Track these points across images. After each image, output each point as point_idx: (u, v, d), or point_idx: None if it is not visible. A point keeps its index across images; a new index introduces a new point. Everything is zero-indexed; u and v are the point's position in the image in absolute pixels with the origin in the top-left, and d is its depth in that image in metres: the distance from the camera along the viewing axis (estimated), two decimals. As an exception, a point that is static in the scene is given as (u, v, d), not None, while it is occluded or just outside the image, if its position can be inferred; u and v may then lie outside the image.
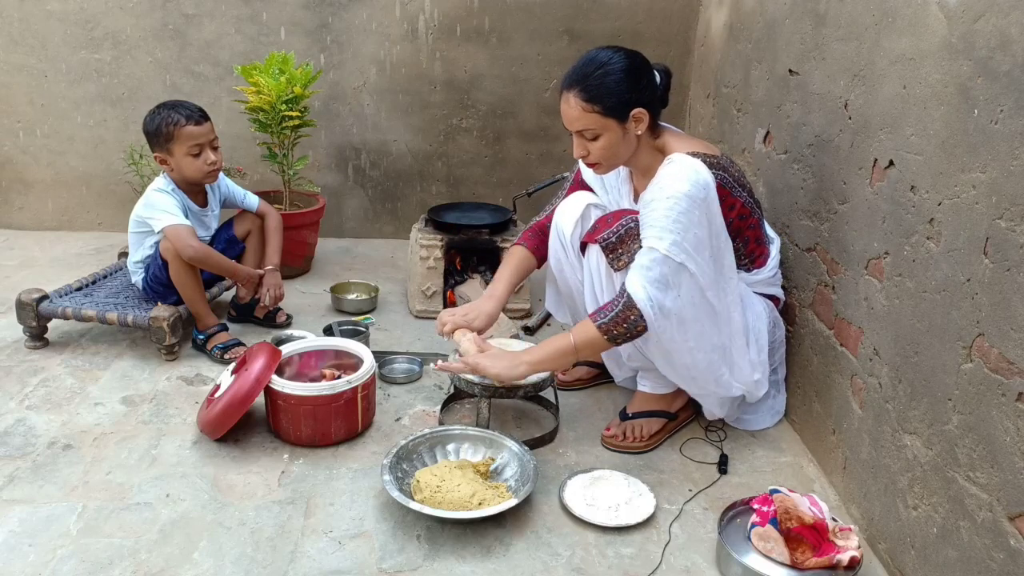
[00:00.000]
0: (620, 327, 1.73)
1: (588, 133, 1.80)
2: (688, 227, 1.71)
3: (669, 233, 1.70)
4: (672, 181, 1.73)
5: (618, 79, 1.75)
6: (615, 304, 1.75)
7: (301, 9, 3.22)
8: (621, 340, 1.76)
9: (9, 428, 1.97)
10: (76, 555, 1.55)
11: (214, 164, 2.34)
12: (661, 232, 1.71)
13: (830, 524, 1.53)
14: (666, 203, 1.71)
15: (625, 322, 1.73)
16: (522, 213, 2.98)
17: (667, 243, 1.70)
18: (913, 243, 1.53)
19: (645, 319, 1.72)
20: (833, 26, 1.92)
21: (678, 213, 1.70)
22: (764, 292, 2.00)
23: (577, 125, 1.80)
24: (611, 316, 1.74)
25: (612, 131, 1.78)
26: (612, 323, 1.74)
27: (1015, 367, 1.23)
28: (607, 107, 1.76)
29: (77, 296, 2.46)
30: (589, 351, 1.81)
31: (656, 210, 1.72)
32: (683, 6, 3.29)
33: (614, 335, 1.75)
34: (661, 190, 1.73)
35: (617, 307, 1.74)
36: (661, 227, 1.71)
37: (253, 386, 1.88)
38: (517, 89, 3.37)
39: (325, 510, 1.72)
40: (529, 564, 1.59)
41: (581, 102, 1.76)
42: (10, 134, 3.33)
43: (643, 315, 1.72)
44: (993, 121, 1.30)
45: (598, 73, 1.76)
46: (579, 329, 1.80)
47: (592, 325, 1.76)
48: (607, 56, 1.78)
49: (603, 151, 1.81)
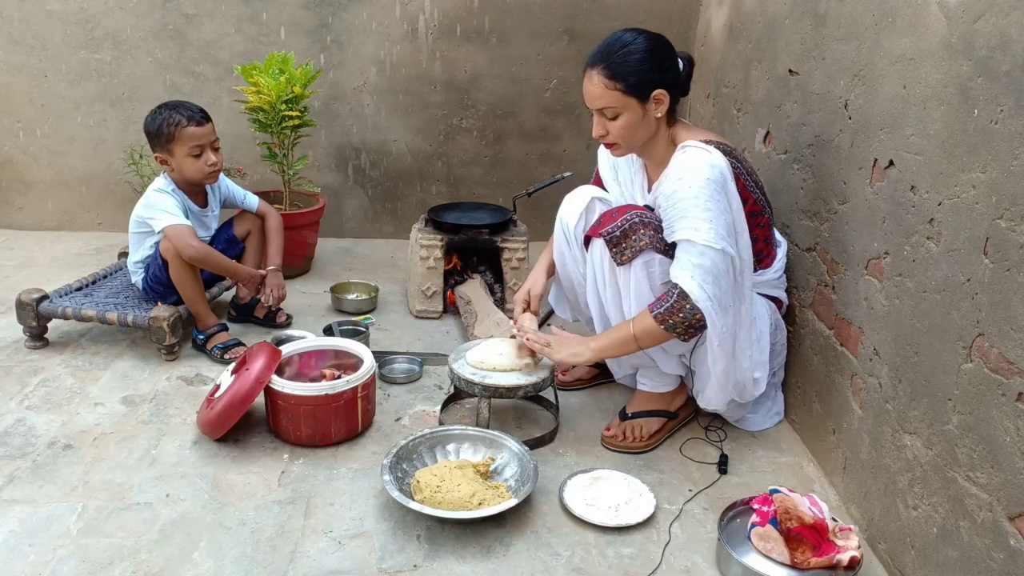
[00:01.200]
0: (676, 316, 1.73)
1: (609, 111, 1.80)
2: (718, 213, 1.71)
3: (703, 222, 1.70)
4: (689, 170, 1.73)
5: (641, 58, 1.77)
6: (669, 295, 1.75)
7: (301, 9, 3.22)
8: (680, 330, 1.75)
9: (9, 428, 1.97)
10: (76, 555, 1.55)
11: (215, 165, 2.34)
12: (696, 223, 1.71)
13: (830, 524, 1.53)
14: (690, 192, 1.71)
15: (681, 311, 1.73)
16: (522, 213, 2.98)
17: (704, 232, 1.70)
18: (913, 243, 1.53)
19: (701, 308, 1.71)
20: (833, 26, 1.92)
21: (705, 200, 1.70)
22: (767, 293, 2.00)
23: (599, 103, 1.80)
24: (666, 307, 1.74)
25: (633, 110, 1.79)
26: (668, 313, 1.74)
27: (1015, 367, 1.23)
28: (629, 85, 1.77)
29: (77, 296, 2.46)
30: (649, 340, 1.81)
31: (683, 199, 1.72)
32: (683, 6, 3.29)
33: (671, 324, 1.75)
34: (681, 180, 1.73)
35: (672, 298, 1.74)
36: (694, 217, 1.71)
37: (253, 386, 1.89)
38: (517, 89, 3.37)
39: (325, 510, 1.72)
40: (529, 564, 1.59)
41: (604, 79, 1.77)
42: (10, 134, 3.33)
43: (698, 304, 1.71)
44: (993, 121, 1.30)
45: (622, 51, 1.77)
46: (638, 318, 1.80)
47: (649, 315, 1.76)
48: (632, 36, 1.79)
49: (623, 130, 1.81)
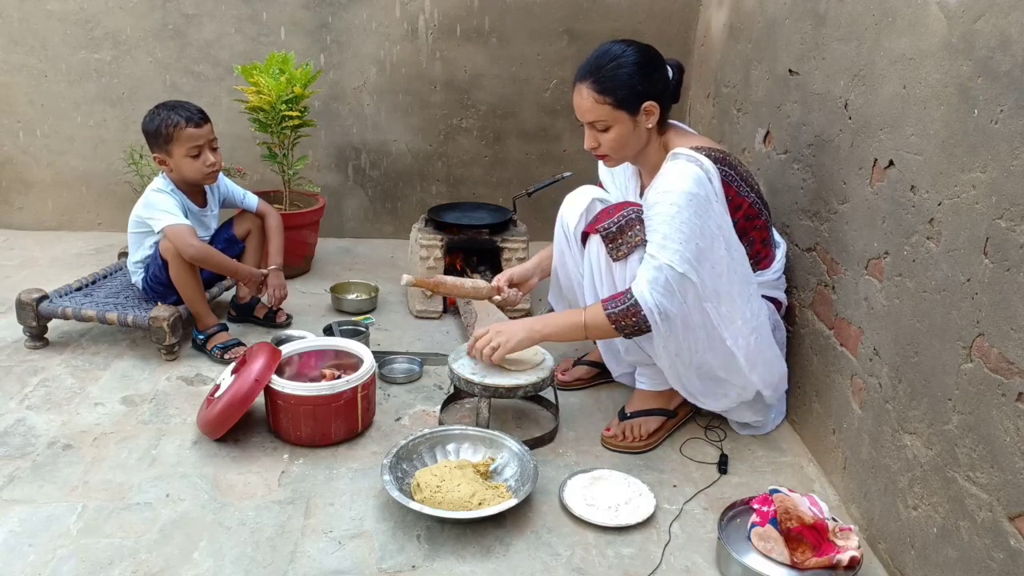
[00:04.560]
0: (628, 321, 1.76)
1: (599, 125, 1.81)
2: (691, 237, 1.71)
3: (671, 242, 1.71)
4: (674, 181, 1.73)
5: (630, 71, 1.76)
6: (625, 299, 1.76)
7: (301, 9, 3.22)
8: (630, 333, 1.78)
9: (9, 428, 1.97)
10: (76, 555, 1.55)
11: (213, 165, 2.34)
12: (664, 240, 1.72)
13: (830, 524, 1.53)
14: (670, 210, 1.71)
15: (634, 316, 1.75)
16: (522, 213, 2.97)
17: (669, 253, 1.71)
18: (913, 243, 1.53)
19: (649, 321, 1.74)
20: (833, 26, 1.92)
21: (680, 222, 1.70)
22: (766, 294, 2.00)
23: (589, 116, 1.81)
24: (620, 309, 1.76)
25: (623, 123, 1.79)
26: (621, 315, 1.76)
27: (1015, 367, 1.23)
28: (619, 99, 1.77)
29: (77, 296, 2.46)
30: (598, 333, 1.83)
31: (661, 214, 1.73)
32: (683, 6, 3.28)
33: (622, 327, 1.77)
34: (666, 194, 1.73)
35: (627, 302, 1.75)
36: (663, 235, 1.72)
37: (253, 386, 1.88)
38: (517, 89, 3.37)
39: (325, 510, 1.72)
40: (529, 564, 1.59)
41: (594, 93, 1.77)
42: (10, 134, 3.33)
43: (647, 317, 1.73)
44: (993, 121, 1.30)
45: (611, 65, 1.77)
46: (591, 310, 1.82)
47: (602, 312, 1.78)
48: (620, 49, 1.78)
49: (614, 143, 1.82)
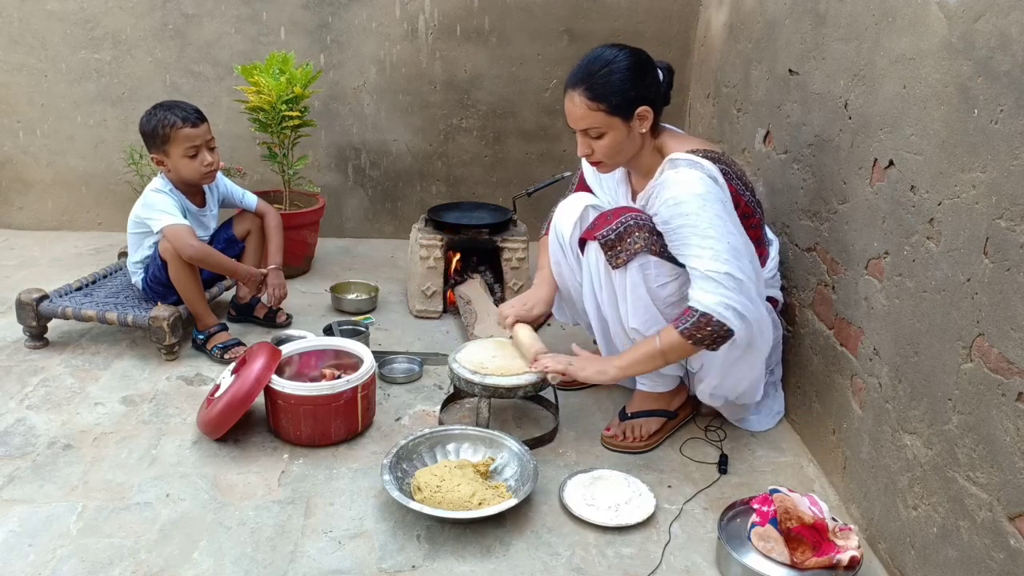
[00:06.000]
0: (703, 332, 1.70)
1: (593, 131, 1.78)
2: (721, 235, 1.68)
3: (705, 250, 1.68)
4: (684, 192, 1.70)
5: (623, 77, 1.74)
6: (692, 314, 1.70)
7: (301, 9, 3.22)
8: (709, 343, 1.72)
9: (9, 428, 1.97)
10: (76, 555, 1.55)
11: (211, 165, 2.34)
12: (698, 251, 1.69)
13: (830, 524, 1.53)
14: (688, 220, 1.69)
15: (708, 326, 1.69)
16: (522, 213, 2.97)
17: (706, 260, 1.68)
18: (913, 243, 1.53)
19: (725, 323, 1.68)
20: (833, 26, 1.92)
21: (705, 226, 1.68)
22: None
23: (582, 124, 1.78)
24: (691, 323, 1.70)
25: (617, 129, 1.77)
26: (694, 329, 1.70)
27: (1015, 367, 1.23)
28: (612, 105, 1.75)
29: (77, 296, 2.46)
30: (677, 354, 1.78)
31: (683, 227, 1.70)
32: (683, 6, 3.28)
33: (698, 339, 1.71)
34: (678, 206, 1.70)
35: (694, 315, 1.70)
36: (696, 245, 1.69)
37: (253, 386, 1.88)
38: (517, 89, 3.37)
39: (325, 510, 1.72)
40: (529, 564, 1.59)
41: (586, 100, 1.75)
42: (10, 134, 3.33)
43: (720, 320, 1.68)
44: (993, 121, 1.30)
45: (603, 71, 1.74)
46: (664, 334, 1.76)
47: (675, 332, 1.72)
48: (612, 54, 1.76)
49: (608, 149, 1.80)
